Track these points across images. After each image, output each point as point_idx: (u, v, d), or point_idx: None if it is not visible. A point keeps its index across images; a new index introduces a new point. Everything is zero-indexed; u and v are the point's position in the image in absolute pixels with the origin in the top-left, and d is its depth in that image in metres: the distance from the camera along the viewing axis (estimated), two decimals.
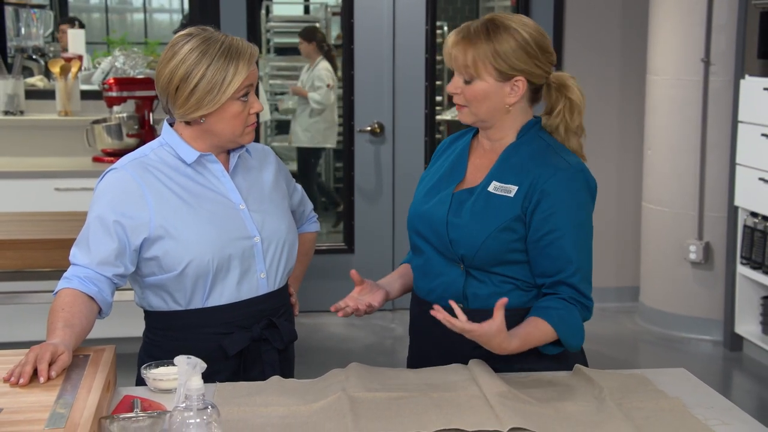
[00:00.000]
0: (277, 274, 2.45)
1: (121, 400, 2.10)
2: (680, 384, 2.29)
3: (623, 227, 6.16)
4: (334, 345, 5.46)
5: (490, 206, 2.33)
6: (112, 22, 10.63)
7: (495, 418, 1.99)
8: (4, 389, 2.02)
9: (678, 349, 5.49)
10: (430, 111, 6.00)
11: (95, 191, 2.39)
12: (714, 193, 5.52)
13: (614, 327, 5.78)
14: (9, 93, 5.57)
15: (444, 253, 2.39)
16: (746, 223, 5.20)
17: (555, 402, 2.12)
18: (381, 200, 6.04)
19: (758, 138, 5.01)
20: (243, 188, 2.44)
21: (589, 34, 6.00)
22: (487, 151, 2.43)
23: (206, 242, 2.33)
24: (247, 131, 2.38)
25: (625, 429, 1.96)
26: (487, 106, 2.34)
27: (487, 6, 8.64)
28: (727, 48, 5.40)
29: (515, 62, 2.30)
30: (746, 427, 2.04)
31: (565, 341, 2.27)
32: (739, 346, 5.40)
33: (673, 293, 5.71)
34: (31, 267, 3.92)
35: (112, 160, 5.39)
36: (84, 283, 2.29)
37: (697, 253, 5.53)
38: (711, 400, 2.20)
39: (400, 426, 1.96)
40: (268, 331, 2.44)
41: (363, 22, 5.91)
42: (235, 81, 2.29)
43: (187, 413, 1.78)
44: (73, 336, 2.20)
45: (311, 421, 2.01)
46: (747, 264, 5.19)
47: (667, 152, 5.64)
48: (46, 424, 1.84)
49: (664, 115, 5.63)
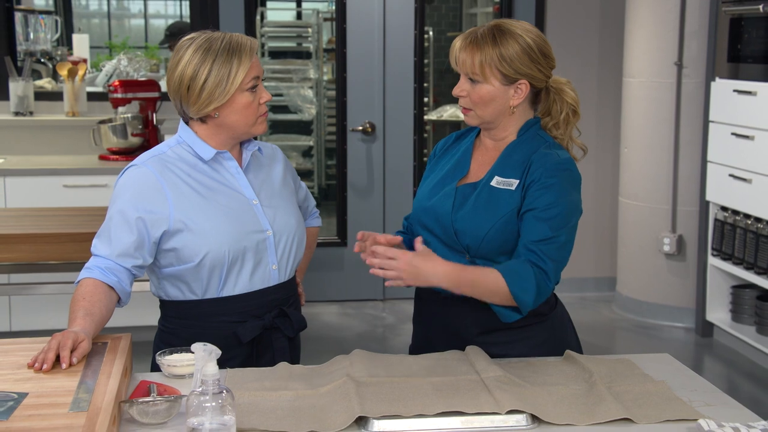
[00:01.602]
0: (287, 266, 2.46)
1: (137, 385, 2.10)
2: (664, 368, 2.31)
3: (601, 221, 6.18)
4: (329, 333, 5.45)
5: (492, 199, 2.34)
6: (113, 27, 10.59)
7: (493, 401, 2.00)
8: (28, 375, 2.02)
9: (653, 335, 5.51)
10: (418, 111, 6.00)
11: (116, 186, 2.38)
12: (686, 189, 5.54)
13: (593, 315, 5.80)
14: (19, 95, 5.55)
15: (450, 244, 2.39)
16: (717, 217, 5.22)
17: (548, 386, 2.13)
18: (372, 196, 6.04)
19: (728, 137, 5.03)
20: (255, 184, 2.45)
21: (569, 40, 6.02)
22: (489, 149, 2.45)
23: (222, 235, 2.34)
24: (259, 121, 2.39)
25: (615, 410, 1.97)
26: (492, 108, 2.36)
27: (469, 12, 8.64)
28: (698, 52, 5.42)
29: (519, 66, 2.32)
30: (728, 408, 2.06)
31: (515, 293, 2.22)
32: (710, 332, 5.42)
33: (648, 283, 5.73)
34: (45, 260, 3.91)
35: (117, 159, 5.39)
36: (104, 274, 2.29)
37: (670, 245, 5.55)
38: (694, 383, 2.21)
39: (404, 408, 1.97)
40: (279, 320, 2.44)
41: (355, 27, 5.91)
42: (240, 72, 2.31)
43: (203, 397, 1.79)
44: (93, 324, 2.20)
45: (319, 404, 2.02)
46: (717, 255, 5.21)
47: (643, 150, 5.66)
48: (70, 408, 1.84)
49: (640, 115, 5.65)
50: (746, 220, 4.94)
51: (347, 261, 6.02)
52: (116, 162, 5.36)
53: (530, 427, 1.94)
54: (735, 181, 4.98)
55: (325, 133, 7.96)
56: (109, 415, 1.80)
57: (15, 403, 1.86)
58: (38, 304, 5.06)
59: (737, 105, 4.95)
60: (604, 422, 1.94)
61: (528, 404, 1.98)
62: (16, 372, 2.03)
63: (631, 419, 1.95)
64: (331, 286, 5.72)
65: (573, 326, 2.55)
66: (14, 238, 3.86)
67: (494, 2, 7.64)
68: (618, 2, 5.95)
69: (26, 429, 1.74)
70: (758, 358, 4.98)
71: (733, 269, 5.09)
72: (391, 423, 1.93)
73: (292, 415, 1.97)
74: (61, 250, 3.83)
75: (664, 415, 1.97)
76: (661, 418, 1.96)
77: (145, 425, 1.92)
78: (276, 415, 1.97)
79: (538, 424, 1.95)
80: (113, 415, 1.84)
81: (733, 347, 5.22)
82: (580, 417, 1.96)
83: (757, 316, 5.04)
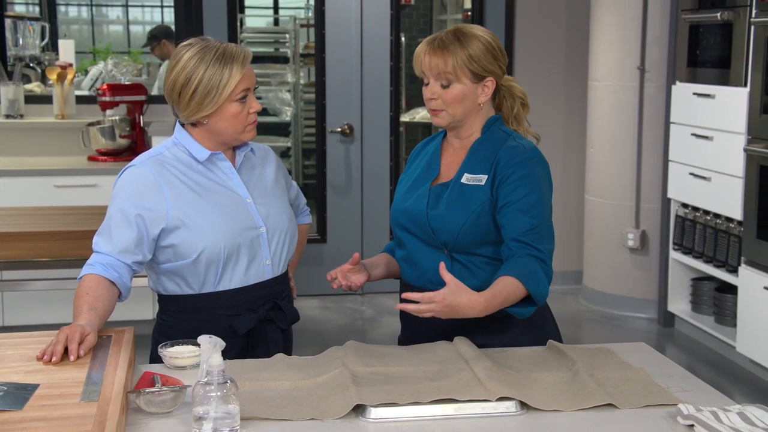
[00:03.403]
0: (280, 261, 2.46)
1: (141, 376, 2.09)
2: (641, 356, 2.32)
3: (568, 217, 6.21)
4: (311, 326, 5.45)
5: (464, 195, 2.36)
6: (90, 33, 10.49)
7: (483, 389, 2.00)
8: (38, 367, 2.01)
9: (617, 325, 5.56)
10: (394, 113, 6.01)
11: (116, 186, 2.37)
12: (649, 187, 5.58)
13: (560, 307, 5.83)
14: (10, 98, 5.50)
15: (428, 241, 2.41)
16: (678, 213, 5.27)
17: (534, 373, 2.13)
18: (351, 194, 6.04)
19: (688, 137, 5.07)
20: (249, 183, 2.44)
21: (537, 45, 6.04)
22: (456, 149, 2.47)
23: (218, 232, 2.33)
24: (247, 129, 2.38)
25: (599, 396, 1.98)
26: (463, 107, 2.38)
27: (439, 19, 8.65)
28: (659, 57, 5.46)
29: (486, 64, 2.36)
30: (703, 393, 2.08)
31: (533, 291, 2.23)
32: (671, 322, 5.47)
33: (613, 276, 5.77)
34: (41, 257, 3.89)
35: (106, 160, 5.35)
36: (106, 270, 2.28)
37: (634, 240, 5.59)
38: (670, 370, 2.23)
39: (399, 396, 1.97)
40: (273, 313, 2.44)
41: (333, 32, 5.91)
42: (230, 83, 2.30)
43: (209, 387, 1.78)
44: (98, 317, 2.19)
45: (316, 393, 2.02)
46: (678, 249, 5.26)
47: (607, 150, 5.69)
48: (81, 398, 1.83)
49: (604, 117, 5.69)
50: (706, 216, 4.99)
51: (327, 257, 6.02)
52: (105, 163, 5.32)
53: (519, 413, 1.95)
54: (695, 180, 5.02)
55: (302, 134, 7.94)
56: (119, 404, 1.79)
57: (27, 393, 1.84)
58: (30, 300, 5.03)
59: (696, 107, 4.99)
60: (589, 408, 1.95)
61: (517, 392, 1.99)
62: (27, 364, 2.02)
63: (615, 405, 1.96)
64: (311, 281, 5.70)
65: (552, 316, 2.57)
66: (11, 236, 3.83)
67: (463, 9, 7.66)
68: (583, 10, 5.98)
69: (41, 418, 1.73)
70: (717, 346, 5.04)
71: (693, 262, 5.13)
72: (387, 410, 1.93)
73: (292, 403, 1.96)
74: (57, 248, 3.80)
75: (644, 401, 1.99)
76: (642, 404, 1.98)
77: (152, 414, 1.91)
78: (276, 403, 1.96)
79: (527, 411, 1.95)
80: (122, 404, 1.83)
81: (693, 336, 5.27)
82: (566, 403, 1.97)
83: (715, 307, 5.09)
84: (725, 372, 4.76)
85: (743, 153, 4.57)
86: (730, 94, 4.70)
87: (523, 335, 2.40)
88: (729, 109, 4.70)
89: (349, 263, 2.42)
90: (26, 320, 5.00)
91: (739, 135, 4.62)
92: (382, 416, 1.92)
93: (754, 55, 4.50)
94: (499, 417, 1.93)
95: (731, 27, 4.71)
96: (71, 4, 9.99)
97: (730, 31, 4.72)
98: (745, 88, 4.57)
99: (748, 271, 4.56)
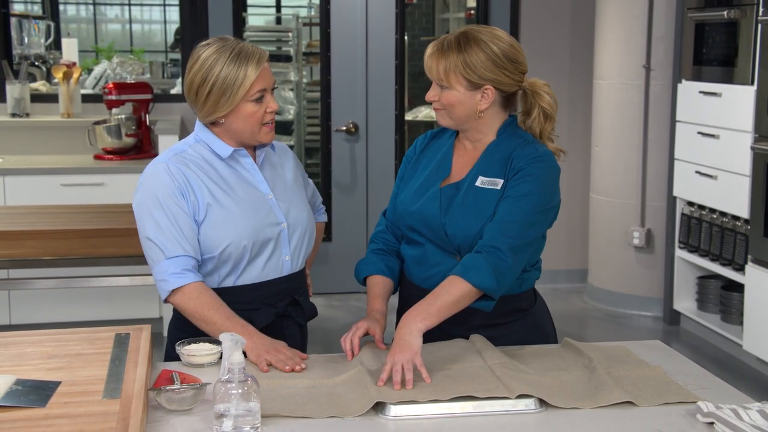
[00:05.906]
0: (299, 257, 2.47)
1: (159, 373, 2.09)
2: (657, 354, 2.32)
3: (573, 216, 6.22)
4: (316, 324, 5.37)
5: (479, 200, 2.32)
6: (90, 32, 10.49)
7: (502, 386, 2.00)
8: (59, 364, 2.02)
9: (623, 324, 5.56)
10: (399, 112, 6.01)
11: (144, 186, 2.34)
12: (654, 185, 5.59)
13: (565, 305, 5.84)
14: (16, 97, 5.50)
15: (441, 246, 2.37)
16: (683, 212, 5.28)
17: (551, 372, 2.14)
18: (356, 193, 6.05)
19: (694, 135, 5.08)
20: (270, 180, 2.45)
21: (542, 44, 6.05)
22: (469, 150, 2.43)
23: (242, 227, 2.34)
24: (264, 130, 2.38)
25: (617, 395, 1.99)
26: (460, 112, 2.34)
27: (441, 18, 8.65)
28: (665, 55, 5.46)
29: (484, 72, 2.29)
30: (722, 391, 2.09)
31: (477, 284, 2.17)
32: (677, 320, 5.48)
33: (618, 274, 5.78)
34: (50, 255, 3.88)
35: (112, 158, 5.35)
36: (197, 275, 2.31)
37: (639, 238, 5.60)
38: (687, 368, 2.23)
39: (419, 394, 1.97)
40: (291, 308, 2.46)
41: (338, 31, 5.91)
42: (245, 83, 2.30)
43: (230, 384, 1.79)
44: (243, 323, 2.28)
45: (335, 392, 2.02)
46: (684, 248, 5.27)
47: (613, 148, 5.70)
48: (103, 395, 1.84)
49: (610, 116, 5.69)
50: (711, 214, 5.00)
51: (332, 255, 6.02)
52: (111, 161, 5.32)
53: (538, 411, 1.95)
54: (701, 178, 5.03)
55: (305, 132, 7.94)
56: (141, 401, 1.80)
57: (50, 391, 1.85)
58: (37, 299, 5.03)
59: (702, 105, 5.00)
60: (607, 405, 1.96)
61: (535, 389, 1.99)
62: (48, 361, 2.03)
63: (633, 402, 1.97)
64: (317, 279, 5.68)
65: (551, 318, 2.56)
66: (18, 235, 3.84)
67: (466, 8, 7.66)
68: (588, 8, 5.99)
69: (64, 415, 1.74)
70: (722, 344, 5.04)
71: (698, 261, 5.14)
72: (407, 408, 1.94)
73: (311, 401, 1.97)
74: (64, 246, 3.81)
75: (663, 398, 1.99)
76: (661, 401, 1.98)
77: (172, 411, 1.92)
78: (295, 401, 1.97)
79: (546, 408, 1.96)
80: (144, 401, 1.83)
81: (699, 334, 5.28)
82: (584, 401, 1.98)
83: (721, 305, 5.09)
84: (731, 370, 4.77)
85: (750, 151, 4.58)
86: (736, 92, 4.71)
87: (524, 339, 2.39)
88: (735, 108, 4.71)
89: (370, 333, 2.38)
90: (33, 318, 5.00)
91: (746, 133, 4.62)
92: (401, 414, 1.93)
93: (761, 53, 4.50)
94: (519, 414, 1.94)
95: (737, 25, 4.71)
96: (70, 3, 9.99)
97: (736, 29, 4.73)
98: (752, 86, 4.57)
99: (755, 269, 4.57)
